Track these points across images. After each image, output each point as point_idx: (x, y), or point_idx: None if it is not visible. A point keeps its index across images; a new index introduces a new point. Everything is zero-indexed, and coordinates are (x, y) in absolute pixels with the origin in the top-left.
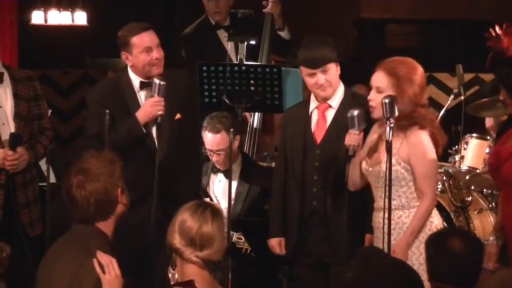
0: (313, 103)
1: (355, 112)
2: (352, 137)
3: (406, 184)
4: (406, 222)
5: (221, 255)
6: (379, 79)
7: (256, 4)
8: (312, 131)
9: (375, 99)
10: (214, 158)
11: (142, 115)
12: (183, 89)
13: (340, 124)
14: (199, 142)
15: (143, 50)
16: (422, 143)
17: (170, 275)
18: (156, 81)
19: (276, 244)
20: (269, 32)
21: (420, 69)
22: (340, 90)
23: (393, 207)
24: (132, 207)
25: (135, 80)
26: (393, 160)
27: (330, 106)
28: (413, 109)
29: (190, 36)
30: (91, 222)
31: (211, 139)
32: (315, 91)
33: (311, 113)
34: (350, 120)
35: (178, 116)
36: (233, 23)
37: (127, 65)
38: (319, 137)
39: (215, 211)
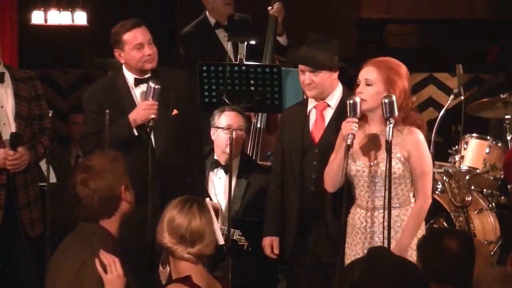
0: (312, 103)
1: (357, 99)
2: (350, 126)
3: (404, 182)
4: (404, 219)
5: (212, 249)
6: (368, 72)
7: (258, 9)
8: (310, 130)
9: (365, 91)
10: (230, 138)
11: (134, 117)
12: (181, 87)
13: (338, 123)
14: (203, 140)
15: (134, 46)
16: (421, 141)
17: (160, 273)
18: (152, 84)
19: (267, 244)
20: (273, 33)
21: (404, 67)
22: (338, 90)
23: (390, 205)
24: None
25: (129, 77)
26: (393, 158)
27: (329, 106)
28: (406, 105)
29: (189, 35)
30: (96, 220)
31: (231, 116)
32: (303, 89)
33: (309, 112)
34: (351, 107)
35: (175, 112)
36: (230, 25)
37: (122, 65)
38: (317, 136)
39: (201, 205)
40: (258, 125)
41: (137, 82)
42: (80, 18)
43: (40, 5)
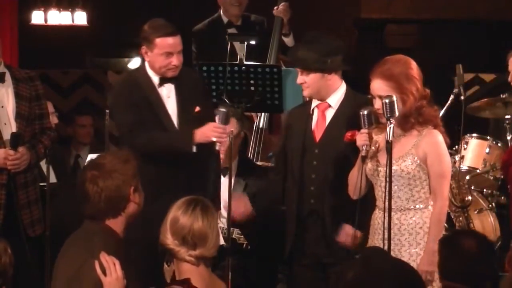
0: (314, 102)
1: (370, 110)
2: (364, 137)
3: (420, 184)
4: (419, 222)
5: (215, 251)
6: (378, 87)
7: (266, 9)
8: (312, 130)
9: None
10: (231, 138)
11: (200, 135)
12: (197, 84)
13: (339, 124)
14: None
15: (163, 53)
16: (439, 142)
17: (165, 271)
18: (222, 109)
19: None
20: (278, 33)
21: (413, 62)
22: (341, 91)
23: (407, 207)
24: (156, 200)
25: (153, 76)
26: (409, 160)
27: (330, 106)
28: (420, 104)
29: (201, 32)
30: (101, 219)
31: None
32: None
33: (312, 111)
34: (364, 119)
35: (197, 109)
36: (244, 25)
37: (144, 62)
38: (318, 136)
39: (205, 207)
40: (261, 125)
41: (162, 82)
42: (80, 18)
43: (40, 5)
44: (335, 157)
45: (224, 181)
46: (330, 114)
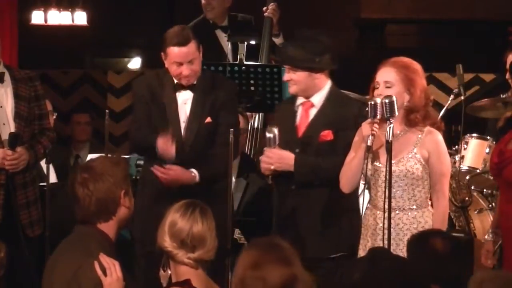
0: (300, 100)
1: (378, 100)
2: (370, 127)
3: (422, 184)
4: (421, 221)
5: (213, 254)
6: (388, 73)
7: (256, 10)
8: (295, 128)
9: (385, 94)
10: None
11: None
12: (222, 96)
13: (320, 123)
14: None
15: (173, 62)
16: (440, 142)
17: (161, 276)
18: (268, 134)
19: None
20: (268, 34)
21: (418, 64)
22: (325, 90)
23: (408, 207)
24: (155, 204)
25: (175, 81)
26: (414, 160)
27: (313, 105)
28: (426, 103)
29: None
30: (93, 222)
31: None
32: None
33: (296, 109)
34: (372, 108)
35: (208, 119)
36: (231, 25)
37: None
38: (300, 134)
39: (204, 210)
40: (255, 125)
41: (178, 88)
42: (80, 18)
43: (40, 5)
44: (315, 156)
45: None
46: (312, 113)
